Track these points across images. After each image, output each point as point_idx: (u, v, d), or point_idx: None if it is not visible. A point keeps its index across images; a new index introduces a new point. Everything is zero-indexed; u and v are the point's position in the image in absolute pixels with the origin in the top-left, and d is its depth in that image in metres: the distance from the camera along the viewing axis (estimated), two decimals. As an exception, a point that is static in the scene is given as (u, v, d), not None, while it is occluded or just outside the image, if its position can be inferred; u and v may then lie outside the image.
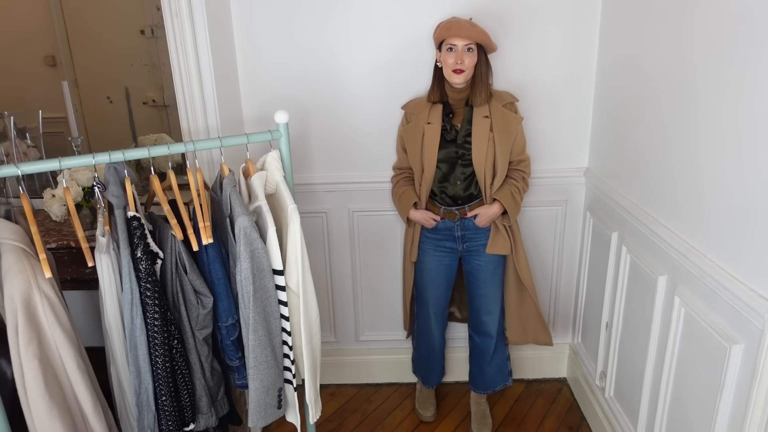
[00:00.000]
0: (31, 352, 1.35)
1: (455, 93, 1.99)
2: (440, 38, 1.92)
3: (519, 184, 2.08)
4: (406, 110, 2.11)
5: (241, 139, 1.62)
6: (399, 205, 2.17)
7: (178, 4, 1.82)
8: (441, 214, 2.10)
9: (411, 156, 2.08)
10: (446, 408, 2.51)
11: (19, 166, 1.36)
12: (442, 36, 1.91)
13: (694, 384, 1.58)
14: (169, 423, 1.57)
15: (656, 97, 1.74)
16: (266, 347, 1.59)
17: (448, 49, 1.90)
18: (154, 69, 2.56)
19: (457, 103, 2.02)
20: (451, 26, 1.89)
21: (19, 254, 1.36)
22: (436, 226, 2.11)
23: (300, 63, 2.21)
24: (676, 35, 1.61)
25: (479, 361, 2.32)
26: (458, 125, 2.03)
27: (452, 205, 2.08)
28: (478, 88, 1.97)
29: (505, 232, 2.11)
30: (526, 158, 2.13)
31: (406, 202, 2.12)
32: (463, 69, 1.90)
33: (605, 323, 2.20)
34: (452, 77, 1.92)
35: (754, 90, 1.29)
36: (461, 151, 2.02)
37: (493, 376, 2.33)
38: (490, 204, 2.05)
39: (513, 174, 2.09)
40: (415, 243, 2.18)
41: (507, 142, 2.01)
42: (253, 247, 1.51)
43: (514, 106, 2.07)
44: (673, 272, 1.68)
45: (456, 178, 2.04)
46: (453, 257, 2.18)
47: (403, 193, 2.13)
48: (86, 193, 2.05)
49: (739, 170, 1.36)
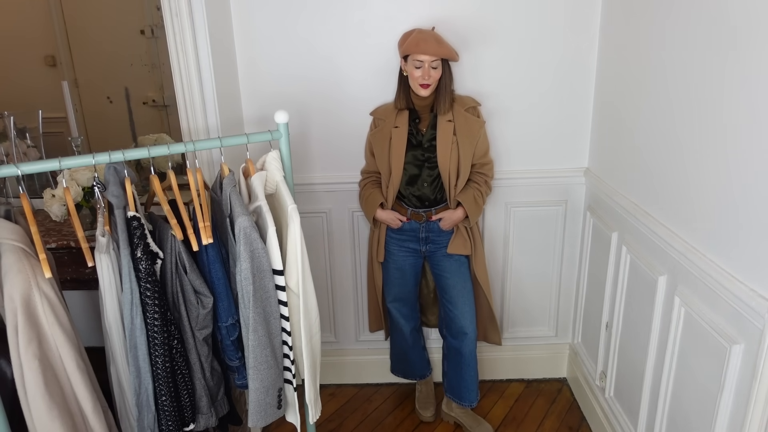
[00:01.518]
0: (31, 352, 1.35)
1: (420, 100, 2.05)
2: (407, 52, 1.97)
3: (482, 188, 2.13)
4: (375, 116, 2.18)
5: (241, 139, 1.62)
6: (366, 206, 2.21)
7: (178, 4, 1.82)
8: (408, 215, 2.15)
9: (379, 159, 2.14)
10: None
11: (19, 166, 1.36)
12: (409, 51, 1.95)
13: (694, 384, 1.58)
14: (169, 423, 1.57)
15: (656, 96, 1.74)
16: (266, 347, 1.59)
17: (416, 66, 1.95)
18: (154, 69, 2.56)
19: (422, 109, 2.08)
20: (418, 43, 1.93)
21: (19, 254, 1.36)
22: (401, 226, 2.16)
23: (300, 63, 2.21)
24: (677, 35, 1.61)
25: (456, 364, 2.28)
26: (423, 129, 2.09)
27: (420, 207, 2.14)
28: (442, 97, 2.02)
29: (466, 233, 2.16)
30: (489, 161, 2.19)
31: (372, 203, 2.17)
32: (429, 83, 1.96)
33: (605, 323, 2.20)
34: (419, 90, 1.99)
35: (755, 90, 1.29)
36: (427, 154, 2.08)
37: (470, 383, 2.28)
38: (454, 209, 2.11)
39: (476, 177, 2.14)
40: (381, 243, 2.23)
41: (470, 145, 2.08)
42: (253, 247, 1.51)
43: (476, 111, 2.14)
44: (673, 272, 1.68)
45: (423, 181, 2.10)
46: (417, 257, 2.24)
47: (370, 195, 2.18)
48: (86, 193, 2.05)
49: (740, 170, 1.36)
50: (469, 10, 2.14)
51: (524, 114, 2.28)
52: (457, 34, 2.15)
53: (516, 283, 2.52)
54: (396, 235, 2.20)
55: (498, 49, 2.19)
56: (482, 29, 2.17)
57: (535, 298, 2.56)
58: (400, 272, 2.25)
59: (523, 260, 2.48)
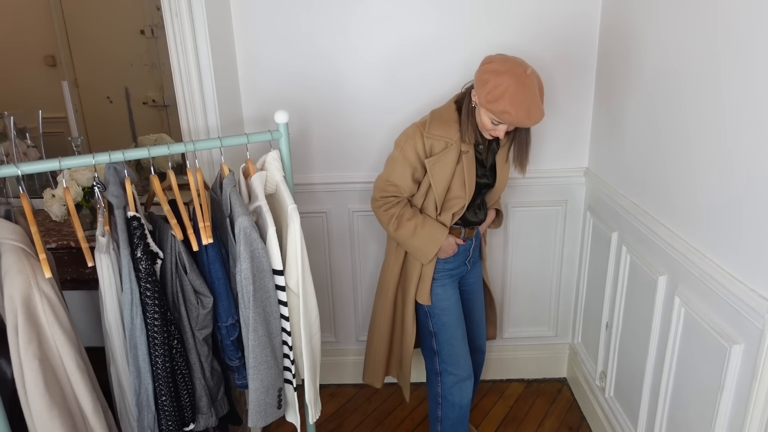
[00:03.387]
0: (31, 352, 1.34)
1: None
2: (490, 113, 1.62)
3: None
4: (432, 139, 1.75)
5: (241, 139, 1.62)
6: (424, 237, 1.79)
7: (178, 4, 1.82)
8: (462, 236, 1.91)
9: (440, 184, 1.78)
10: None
11: (19, 166, 1.36)
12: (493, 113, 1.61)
13: (694, 384, 1.58)
14: (169, 423, 1.57)
15: (656, 96, 1.74)
16: (266, 347, 1.59)
17: (492, 121, 1.66)
18: (154, 69, 2.56)
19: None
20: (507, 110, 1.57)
21: (19, 254, 1.36)
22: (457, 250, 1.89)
23: (300, 63, 2.21)
24: (677, 34, 1.61)
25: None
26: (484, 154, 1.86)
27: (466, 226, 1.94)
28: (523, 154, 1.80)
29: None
30: None
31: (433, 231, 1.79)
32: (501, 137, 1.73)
33: (605, 323, 2.20)
34: (486, 134, 1.75)
35: (755, 89, 1.29)
36: (483, 180, 1.87)
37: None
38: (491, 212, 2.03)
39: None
40: (426, 279, 1.87)
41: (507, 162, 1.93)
42: (253, 247, 1.51)
43: None
44: (673, 272, 1.68)
45: (477, 205, 1.94)
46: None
47: (426, 223, 1.80)
48: (86, 193, 2.05)
49: (740, 170, 1.36)
50: (468, 9, 2.13)
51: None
52: (456, 28, 2.15)
53: (516, 283, 2.52)
54: (447, 264, 1.90)
55: (498, 47, 2.19)
56: (480, 26, 2.17)
57: (535, 298, 2.56)
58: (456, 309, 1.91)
59: (523, 260, 2.49)
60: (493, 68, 1.61)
